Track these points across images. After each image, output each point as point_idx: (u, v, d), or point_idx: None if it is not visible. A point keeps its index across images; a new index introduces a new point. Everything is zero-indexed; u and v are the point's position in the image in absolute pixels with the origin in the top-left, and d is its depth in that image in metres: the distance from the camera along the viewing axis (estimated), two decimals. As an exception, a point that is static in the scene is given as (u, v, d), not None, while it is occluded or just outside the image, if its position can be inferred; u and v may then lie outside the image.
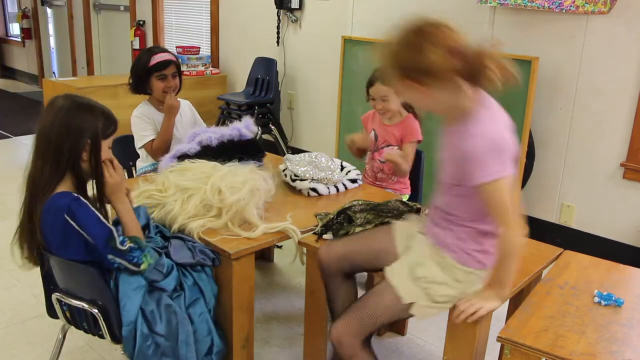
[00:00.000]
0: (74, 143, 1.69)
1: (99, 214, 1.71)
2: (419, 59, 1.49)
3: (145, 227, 1.95)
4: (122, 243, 1.71)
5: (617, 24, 3.10)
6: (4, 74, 9.40)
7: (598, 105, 3.25)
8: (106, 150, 1.77)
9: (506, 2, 3.28)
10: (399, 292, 1.71)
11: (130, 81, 2.79)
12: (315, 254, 2.04)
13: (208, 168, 2.28)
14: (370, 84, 2.66)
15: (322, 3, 4.58)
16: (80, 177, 1.73)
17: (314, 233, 2.12)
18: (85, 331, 1.87)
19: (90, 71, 7.31)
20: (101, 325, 1.78)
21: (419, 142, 2.71)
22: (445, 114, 1.67)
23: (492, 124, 1.57)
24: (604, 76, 3.21)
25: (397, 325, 2.61)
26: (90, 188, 1.82)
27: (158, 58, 2.74)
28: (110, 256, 1.70)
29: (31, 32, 8.42)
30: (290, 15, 4.80)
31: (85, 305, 1.77)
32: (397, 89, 1.73)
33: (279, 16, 4.89)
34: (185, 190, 2.14)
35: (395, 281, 1.73)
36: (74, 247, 1.71)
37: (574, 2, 3.04)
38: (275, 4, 4.78)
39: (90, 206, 1.70)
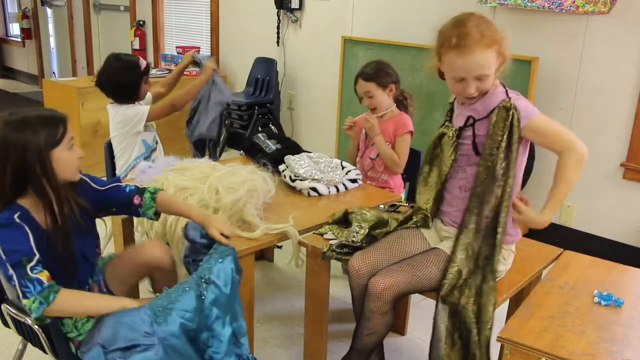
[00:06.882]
0: (17, 162, 1.56)
1: (30, 237, 1.55)
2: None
3: None
4: (32, 270, 1.52)
5: (617, 24, 3.10)
6: (4, 74, 9.40)
7: (598, 106, 3.25)
8: (66, 152, 1.63)
9: (506, 2, 3.28)
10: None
11: (112, 94, 2.72)
12: (316, 255, 2.04)
13: (207, 168, 2.28)
14: (355, 82, 2.74)
15: (322, 3, 4.58)
16: (43, 195, 1.60)
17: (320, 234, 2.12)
18: (33, 345, 1.78)
19: (90, 71, 7.29)
20: (43, 343, 1.69)
21: (411, 134, 2.75)
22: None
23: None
24: (604, 76, 3.20)
25: (397, 325, 2.60)
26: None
27: (143, 62, 2.71)
28: (11, 271, 1.52)
29: (31, 32, 8.41)
30: (290, 15, 4.80)
31: (28, 320, 1.66)
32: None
33: (279, 16, 4.89)
34: (184, 190, 2.14)
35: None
36: None
37: (574, 2, 3.04)
38: (275, 4, 4.78)
39: (21, 230, 1.55)
